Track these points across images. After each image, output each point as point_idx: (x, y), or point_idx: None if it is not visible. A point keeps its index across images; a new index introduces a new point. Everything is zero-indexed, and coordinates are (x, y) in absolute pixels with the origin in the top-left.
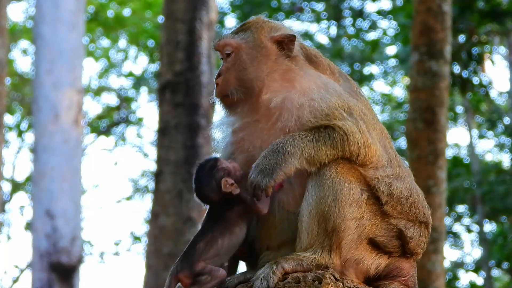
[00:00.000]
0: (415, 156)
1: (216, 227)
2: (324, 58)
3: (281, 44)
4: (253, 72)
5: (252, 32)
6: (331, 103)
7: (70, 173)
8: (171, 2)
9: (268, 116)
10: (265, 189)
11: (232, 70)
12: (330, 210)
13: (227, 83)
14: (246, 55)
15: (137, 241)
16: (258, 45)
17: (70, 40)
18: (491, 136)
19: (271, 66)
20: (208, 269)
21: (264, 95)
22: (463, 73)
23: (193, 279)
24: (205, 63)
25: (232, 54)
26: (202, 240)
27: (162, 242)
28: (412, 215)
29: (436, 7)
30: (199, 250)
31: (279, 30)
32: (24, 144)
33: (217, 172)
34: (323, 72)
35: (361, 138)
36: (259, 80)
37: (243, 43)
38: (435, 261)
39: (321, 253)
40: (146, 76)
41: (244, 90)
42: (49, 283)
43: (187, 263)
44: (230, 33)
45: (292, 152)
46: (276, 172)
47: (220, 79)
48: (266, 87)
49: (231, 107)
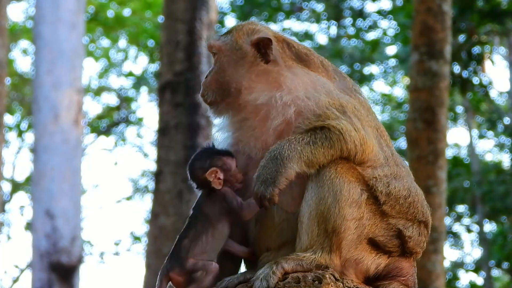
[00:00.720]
0: (415, 156)
1: (198, 224)
2: (317, 55)
3: (259, 47)
4: (230, 74)
5: (232, 35)
6: (320, 102)
7: (70, 173)
8: (171, 2)
9: (256, 114)
10: (270, 198)
11: (214, 72)
12: (330, 211)
13: (208, 84)
14: (225, 57)
15: (137, 241)
16: (235, 48)
17: (70, 40)
18: (491, 136)
19: (248, 68)
20: (200, 264)
21: (246, 95)
22: (463, 73)
23: (185, 276)
24: (205, 63)
25: (215, 56)
26: (186, 237)
27: (162, 242)
28: (410, 215)
29: (436, 7)
30: (185, 247)
31: (257, 33)
32: (24, 144)
33: (215, 160)
34: (315, 70)
35: (357, 136)
36: (234, 82)
37: (223, 45)
38: (435, 261)
39: (321, 253)
40: (146, 76)
41: (221, 92)
42: (49, 283)
43: (176, 261)
44: (219, 35)
45: (290, 157)
46: (278, 179)
47: (205, 80)
48: (244, 88)
49: (213, 108)
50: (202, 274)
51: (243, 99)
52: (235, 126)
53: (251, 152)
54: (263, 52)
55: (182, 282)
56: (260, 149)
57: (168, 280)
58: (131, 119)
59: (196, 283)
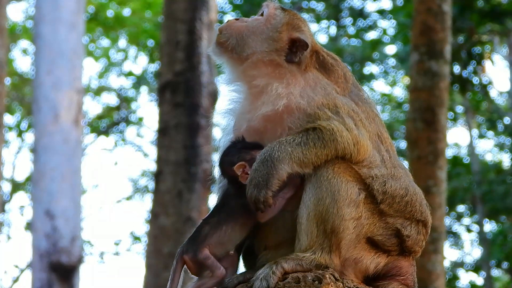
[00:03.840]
0: (415, 156)
1: (222, 213)
2: (342, 67)
3: (294, 45)
4: (254, 40)
5: (285, 16)
6: (313, 101)
7: (70, 173)
8: (171, 2)
9: (250, 88)
10: (264, 201)
11: (246, 24)
12: (329, 212)
13: (233, 27)
14: (265, 26)
15: (137, 241)
16: (277, 29)
17: (70, 40)
18: (491, 136)
19: (270, 51)
20: (210, 262)
21: (249, 68)
22: (463, 73)
23: (196, 265)
24: (205, 63)
25: (261, 17)
26: (208, 224)
27: (162, 242)
28: (408, 213)
29: (436, 7)
30: (204, 233)
31: (301, 33)
32: (24, 144)
33: (245, 154)
34: (334, 80)
35: (349, 136)
36: (251, 49)
37: (273, 16)
38: (435, 261)
39: (321, 253)
40: (146, 76)
41: (235, 44)
42: (49, 283)
43: (192, 245)
44: (279, 5)
45: (280, 158)
46: (270, 181)
47: (236, 22)
48: (253, 60)
49: (218, 47)
50: (208, 274)
51: (245, 67)
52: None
53: (241, 126)
54: (293, 50)
55: (193, 267)
56: (245, 124)
57: (183, 263)
58: (131, 119)
59: (201, 279)
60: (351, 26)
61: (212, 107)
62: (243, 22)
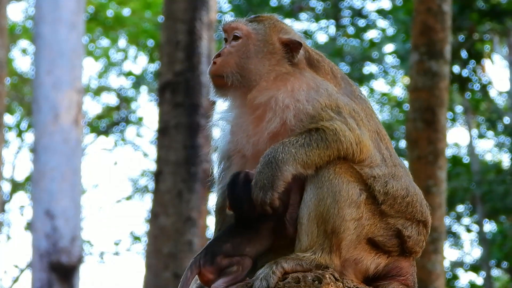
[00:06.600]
0: (415, 156)
1: (246, 235)
2: (328, 62)
3: (287, 48)
4: (255, 64)
5: (265, 26)
6: (318, 103)
7: (70, 173)
8: (171, 2)
9: (253, 111)
10: (270, 203)
11: (235, 55)
12: (329, 212)
13: (226, 64)
14: (254, 45)
15: (137, 241)
16: (267, 41)
17: (70, 40)
18: (490, 136)
19: (273, 65)
20: (235, 260)
21: (257, 92)
22: (462, 72)
23: (215, 274)
24: (205, 63)
25: (239, 40)
26: (230, 242)
27: (162, 242)
28: (409, 214)
29: (436, 7)
30: (225, 250)
31: (289, 33)
32: (24, 144)
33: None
34: (323, 76)
35: (351, 135)
36: (258, 74)
37: (254, 33)
38: (435, 261)
39: (321, 254)
40: (146, 76)
41: (241, 78)
42: (49, 283)
43: (211, 259)
44: (244, 19)
45: (284, 160)
46: (275, 183)
47: (219, 59)
48: (262, 82)
49: (221, 90)
50: (238, 269)
51: (254, 93)
52: (235, 121)
53: (244, 149)
54: (289, 53)
55: (212, 279)
56: (251, 148)
57: (197, 273)
58: (131, 119)
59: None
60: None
61: (212, 107)
62: (229, 54)
